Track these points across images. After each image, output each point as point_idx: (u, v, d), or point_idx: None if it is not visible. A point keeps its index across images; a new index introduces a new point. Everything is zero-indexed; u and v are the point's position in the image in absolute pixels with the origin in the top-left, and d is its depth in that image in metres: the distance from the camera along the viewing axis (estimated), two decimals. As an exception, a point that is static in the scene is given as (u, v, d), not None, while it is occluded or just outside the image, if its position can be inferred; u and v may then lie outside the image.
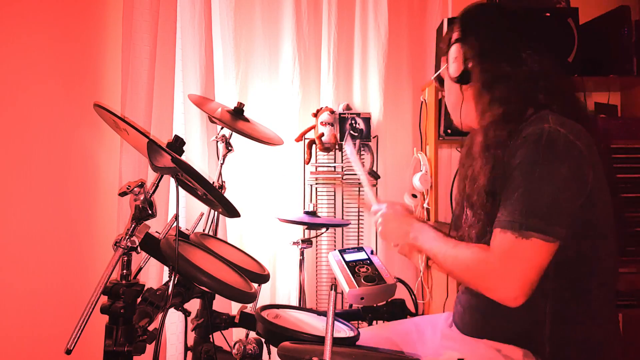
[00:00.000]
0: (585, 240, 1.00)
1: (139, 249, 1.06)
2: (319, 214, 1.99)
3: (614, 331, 1.07)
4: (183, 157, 1.06)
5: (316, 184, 2.29)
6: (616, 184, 1.13)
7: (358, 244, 2.31)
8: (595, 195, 0.99)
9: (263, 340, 1.34)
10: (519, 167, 0.99)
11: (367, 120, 2.26)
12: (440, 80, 1.28)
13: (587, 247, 1.01)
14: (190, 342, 1.48)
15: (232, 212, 1.13)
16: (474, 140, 1.13)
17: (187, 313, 1.38)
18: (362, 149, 2.26)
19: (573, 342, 1.01)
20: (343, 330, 1.33)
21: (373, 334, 1.35)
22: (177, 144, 1.11)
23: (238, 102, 1.83)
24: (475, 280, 1.02)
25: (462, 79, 1.15)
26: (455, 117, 1.24)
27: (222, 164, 1.81)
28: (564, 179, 0.96)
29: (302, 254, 1.96)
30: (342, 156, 2.33)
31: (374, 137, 2.30)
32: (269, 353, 1.39)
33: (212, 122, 1.92)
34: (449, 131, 2.14)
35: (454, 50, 1.17)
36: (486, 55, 1.11)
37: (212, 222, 1.82)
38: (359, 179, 2.30)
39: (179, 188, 1.14)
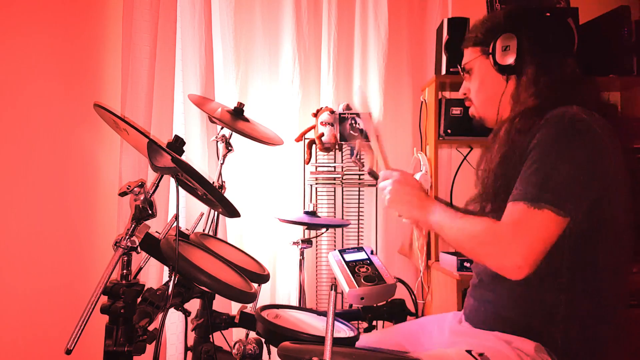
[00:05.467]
0: (601, 233, 1.01)
1: (139, 249, 1.06)
2: (319, 214, 1.99)
3: (623, 329, 1.08)
4: (183, 157, 1.06)
5: (316, 184, 2.29)
6: (637, 183, 1.13)
7: (358, 244, 2.31)
8: (615, 188, 0.99)
9: (263, 340, 1.34)
10: (538, 146, 1.00)
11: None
12: (465, 70, 1.27)
13: (603, 240, 1.01)
14: (190, 342, 1.48)
15: (232, 212, 1.13)
16: (501, 126, 1.13)
17: (187, 313, 1.38)
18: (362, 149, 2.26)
19: (585, 337, 1.01)
20: (343, 330, 1.33)
21: (379, 338, 1.34)
22: (177, 144, 1.11)
23: (238, 102, 1.83)
24: (481, 247, 1.02)
25: (514, 68, 1.15)
26: (487, 108, 1.23)
27: (222, 164, 1.81)
28: (583, 160, 0.97)
29: (302, 254, 1.96)
30: (342, 156, 2.33)
31: (374, 137, 2.30)
32: (269, 353, 1.39)
33: (212, 122, 1.92)
34: (449, 131, 2.14)
35: (507, 40, 1.15)
36: (543, 49, 1.13)
37: (212, 222, 1.82)
38: (358, 179, 2.30)
39: (179, 188, 1.14)
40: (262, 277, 1.48)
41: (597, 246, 1.01)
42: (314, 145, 2.26)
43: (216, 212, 1.80)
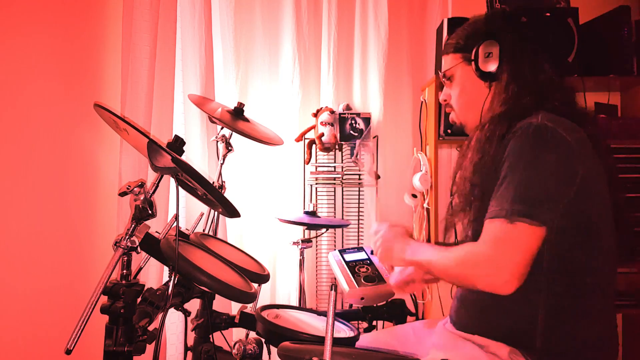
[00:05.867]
0: (578, 234, 1.01)
1: (139, 249, 1.07)
2: (319, 214, 1.99)
3: (609, 330, 1.08)
4: (183, 157, 1.06)
5: (316, 184, 2.29)
6: (618, 182, 1.14)
7: (358, 244, 2.31)
8: (587, 190, 1.00)
9: (263, 340, 1.34)
10: (507, 159, 1.02)
11: (367, 120, 2.26)
12: (445, 76, 1.28)
13: (581, 242, 1.01)
14: (190, 342, 1.48)
15: (232, 212, 1.13)
16: (474, 134, 1.15)
17: (187, 313, 1.38)
18: (362, 149, 2.26)
19: (564, 337, 1.02)
20: (343, 330, 1.33)
21: (372, 339, 1.35)
22: (177, 144, 1.11)
23: (238, 102, 1.83)
24: (466, 271, 1.02)
25: (495, 75, 1.16)
26: (468, 115, 1.24)
27: (222, 164, 1.81)
28: (550, 167, 0.98)
29: (302, 254, 1.96)
30: (342, 156, 2.33)
31: (374, 137, 2.30)
32: (269, 353, 1.39)
33: (212, 122, 1.92)
34: (449, 131, 2.14)
35: (489, 46, 1.16)
36: (519, 55, 1.14)
37: (212, 222, 1.82)
38: (358, 179, 2.30)
39: (179, 188, 1.14)
40: (262, 277, 1.48)
41: (576, 246, 1.01)
42: (314, 145, 2.26)
43: (216, 212, 1.80)
